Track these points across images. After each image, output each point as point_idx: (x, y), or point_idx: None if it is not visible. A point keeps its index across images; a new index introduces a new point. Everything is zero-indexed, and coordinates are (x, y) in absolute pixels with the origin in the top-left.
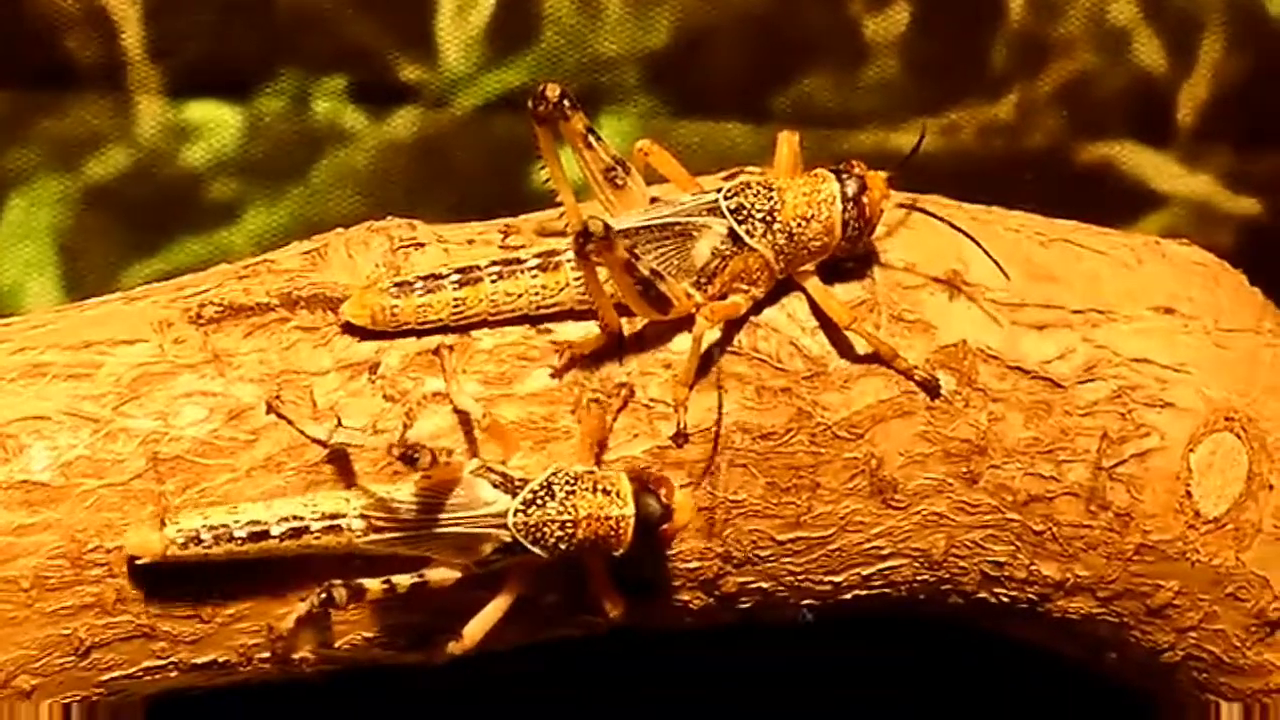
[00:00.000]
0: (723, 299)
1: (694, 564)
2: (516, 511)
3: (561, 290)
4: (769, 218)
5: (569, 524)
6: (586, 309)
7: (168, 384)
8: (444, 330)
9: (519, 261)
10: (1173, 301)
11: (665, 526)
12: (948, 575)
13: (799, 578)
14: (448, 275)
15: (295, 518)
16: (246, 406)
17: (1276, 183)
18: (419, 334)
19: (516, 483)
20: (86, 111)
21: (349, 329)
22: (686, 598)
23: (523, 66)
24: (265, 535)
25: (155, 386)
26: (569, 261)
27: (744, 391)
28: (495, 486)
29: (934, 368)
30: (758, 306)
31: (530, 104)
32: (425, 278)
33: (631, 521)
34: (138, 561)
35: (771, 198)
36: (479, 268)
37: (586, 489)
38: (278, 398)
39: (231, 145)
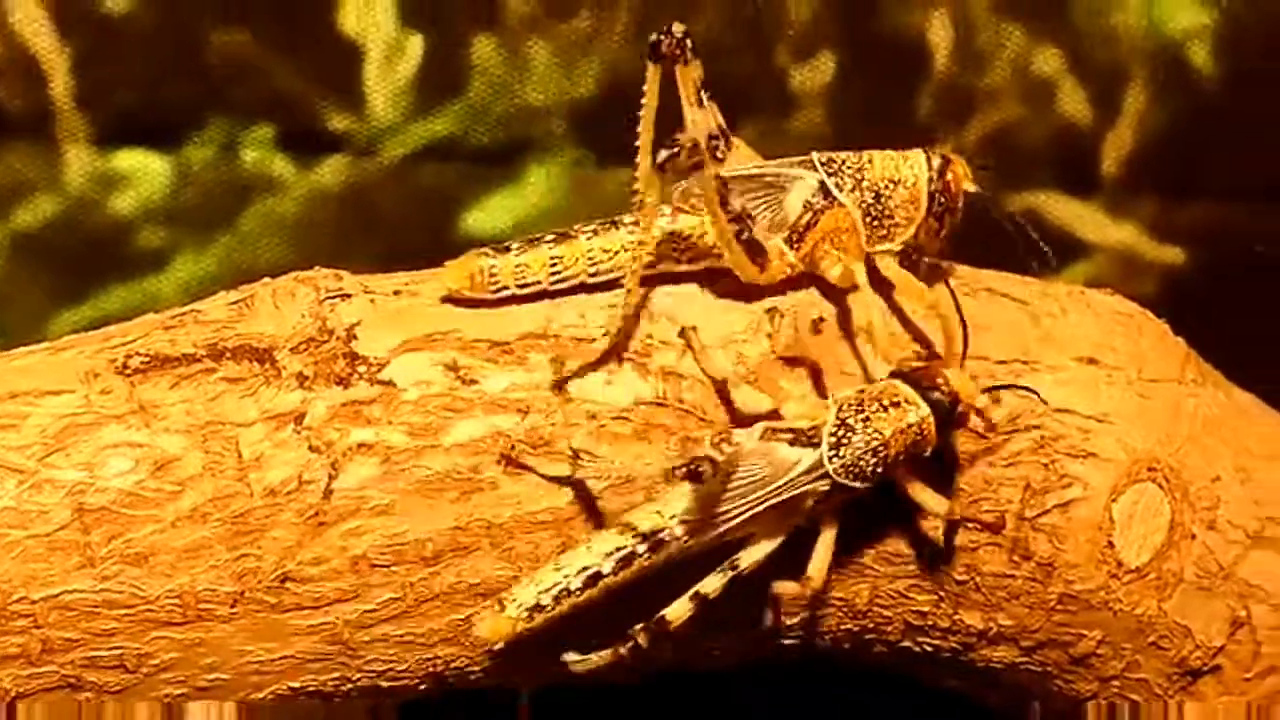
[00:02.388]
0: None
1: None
2: (832, 459)
3: (659, 245)
4: (858, 174)
5: (880, 448)
6: (687, 266)
7: (94, 435)
8: (543, 295)
9: (615, 220)
10: (1096, 352)
11: (959, 409)
12: (872, 625)
13: (737, 634)
14: (544, 236)
15: (619, 549)
16: (172, 457)
17: (1200, 232)
18: (519, 300)
19: (809, 433)
20: (14, 160)
21: (448, 299)
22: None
23: (450, 116)
24: (599, 576)
25: (81, 437)
26: (665, 215)
27: (669, 441)
28: (791, 445)
29: None
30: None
31: (652, 39)
32: (522, 240)
33: (931, 419)
34: (496, 647)
35: (861, 159)
36: (576, 227)
37: (879, 410)
38: (513, 448)
39: (160, 194)
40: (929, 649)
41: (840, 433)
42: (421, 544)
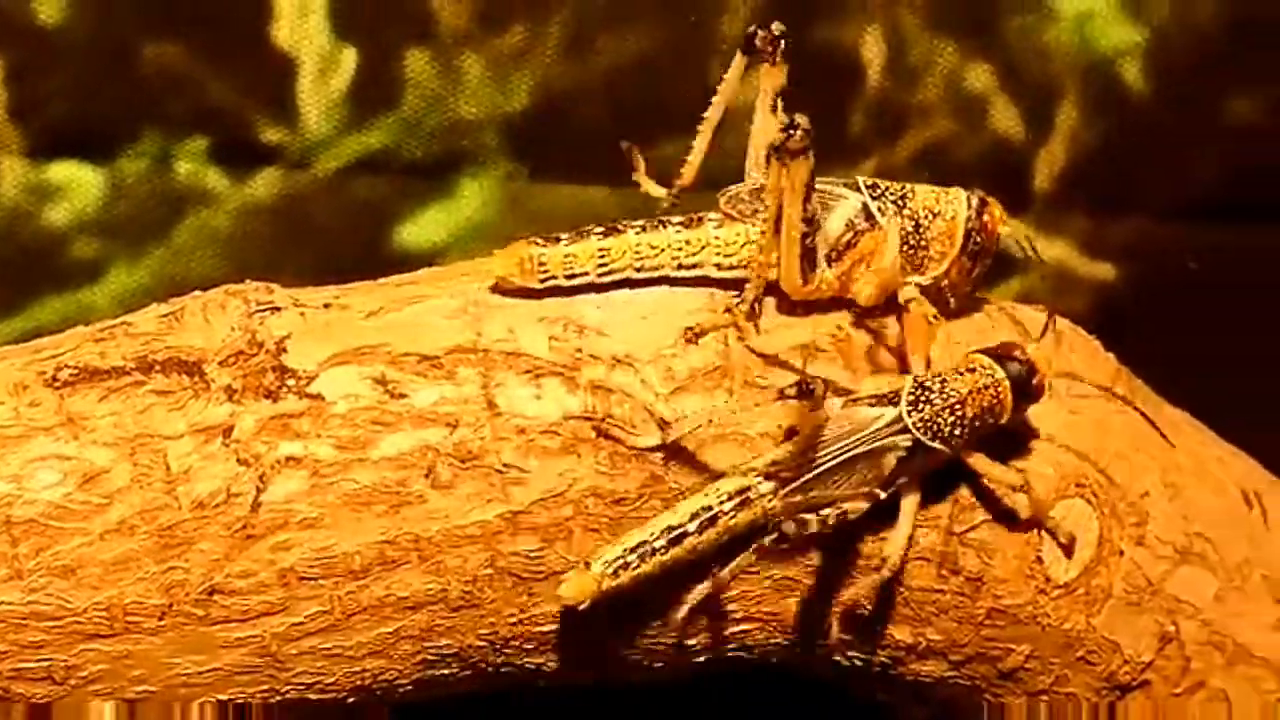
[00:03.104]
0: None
1: (547, 627)
2: (910, 412)
3: (703, 248)
4: (900, 201)
5: (957, 406)
6: (725, 274)
7: (22, 447)
8: (590, 289)
9: (663, 220)
10: None
11: (1035, 379)
12: (800, 639)
13: (652, 641)
14: (592, 228)
15: (704, 509)
16: (100, 470)
17: (1132, 249)
18: (565, 292)
19: (888, 395)
20: None
21: (497, 288)
22: (539, 660)
23: (383, 129)
24: (683, 535)
25: (9, 449)
26: (712, 220)
27: (598, 456)
28: (871, 406)
29: (783, 434)
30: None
31: (749, 29)
32: (572, 231)
33: (1007, 384)
34: (580, 608)
35: (904, 189)
36: (625, 221)
37: (956, 375)
38: (604, 419)
39: (93, 206)
40: (858, 663)
41: (918, 393)
42: (349, 557)
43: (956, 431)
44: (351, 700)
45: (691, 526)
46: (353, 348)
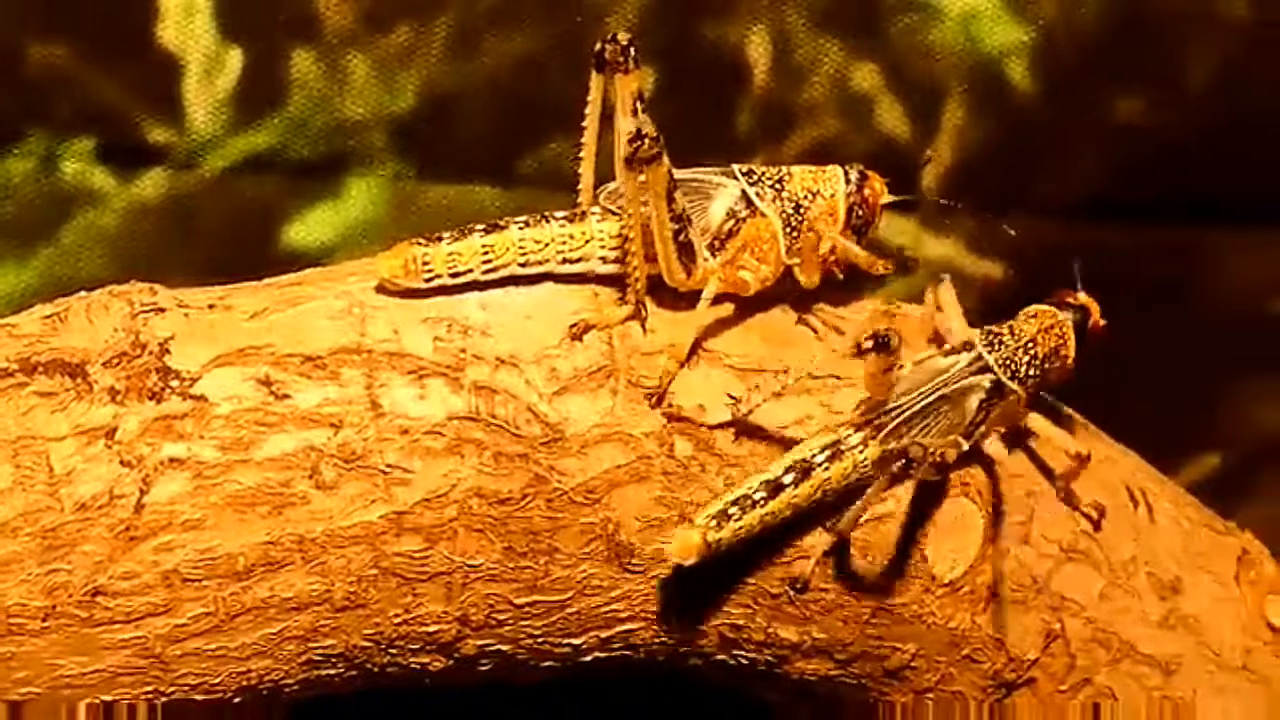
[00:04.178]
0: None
1: (432, 627)
2: (989, 351)
3: (587, 243)
4: (778, 185)
5: (1030, 345)
6: (609, 268)
7: None
8: (475, 286)
9: (546, 215)
10: None
11: (1090, 322)
12: (686, 638)
13: (538, 640)
14: (475, 226)
15: (799, 461)
16: None
17: (1019, 247)
18: (451, 290)
19: (963, 344)
20: None
21: (382, 289)
22: (425, 660)
23: (270, 129)
24: (780, 487)
25: None
26: (594, 214)
27: (481, 457)
28: (946, 356)
29: (671, 434)
30: (761, 303)
31: (597, 45)
32: (454, 230)
33: (1069, 323)
34: (686, 564)
35: (781, 172)
36: (508, 218)
37: (1021, 321)
38: (664, 401)
39: None
40: (744, 661)
41: (991, 337)
42: (233, 558)
43: (1031, 371)
44: (238, 700)
45: (787, 479)
46: (237, 349)
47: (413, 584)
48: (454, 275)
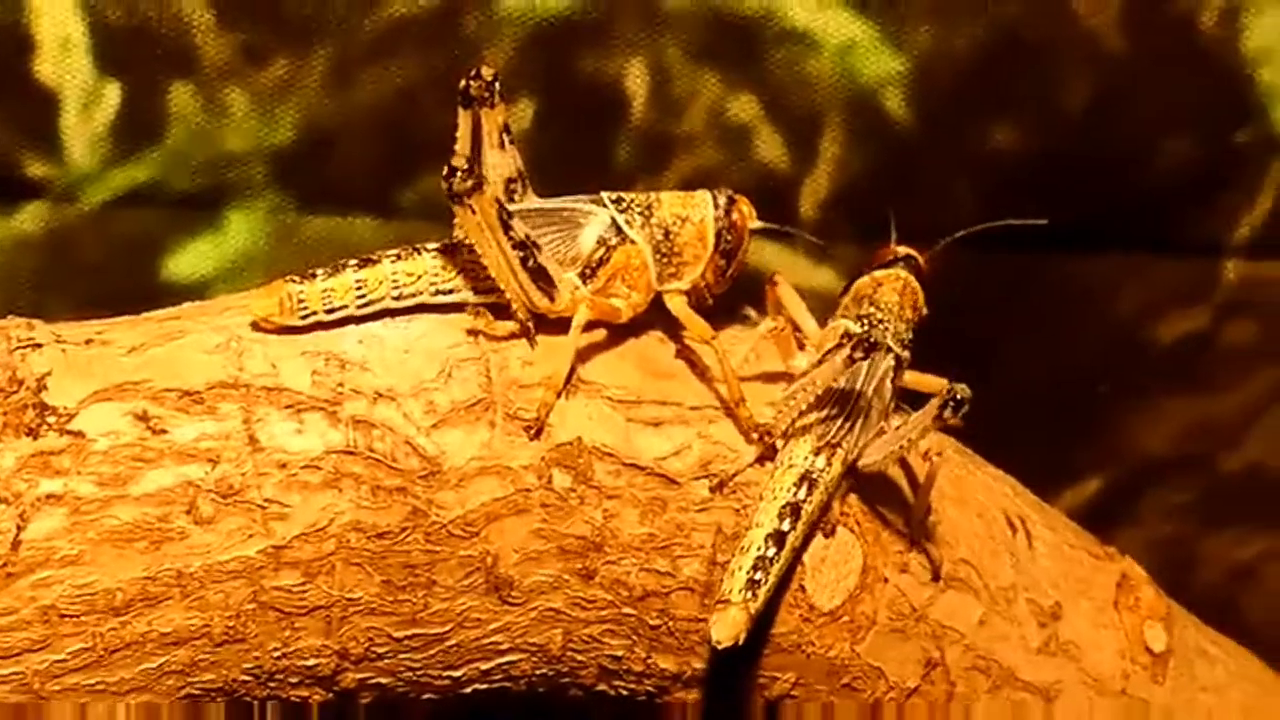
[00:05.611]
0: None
1: (311, 660)
2: (880, 334)
3: (459, 273)
4: (647, 211)
5: (899, 310)
6: (484, 296)
7: None
8: (348, 321)
9: (418, 247)
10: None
11: (922, 268)
12: (566, 669)
13: (418, 673)
14: (347, 261)
15: (785, 507)
16: None
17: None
18: (326, 326)
19: (844, 338)
20: None
21: (257, 327)
22: (305, 693)
23: (150, 163)
24: (784, 535)
25: None
26: (467, 245)
27: (359, 490)
28: (838, 351)
29: (549, 466)
30: (634, 329)
31: (463, 81)
32: (327, 266)
33: (913, 277)
34: (740, 643)
35: (650, 198)
36: (380, 252)
37: (881, 294)
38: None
39: None
40: (625, 692)
41: (869, 322)
42: (111, 594)
43: (910, 334)
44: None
45: (785, 526)
46: (114, 384)
47: (292, 618)
48: (329, 311)
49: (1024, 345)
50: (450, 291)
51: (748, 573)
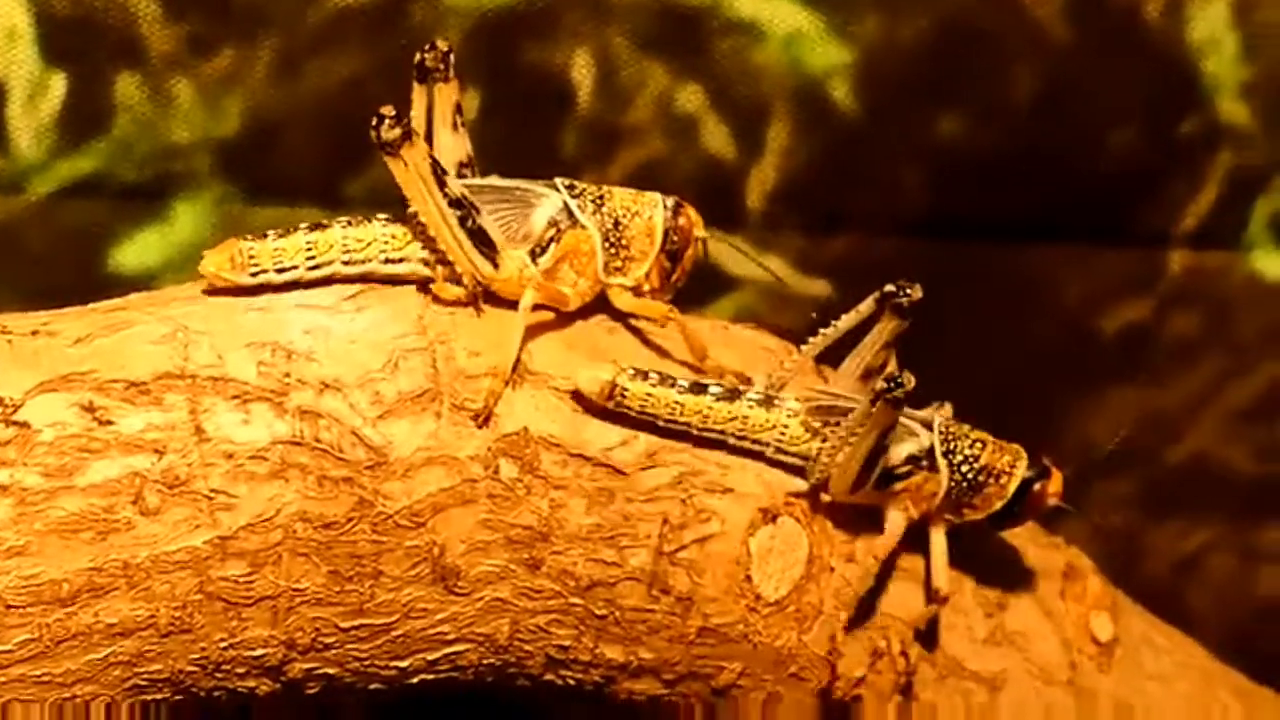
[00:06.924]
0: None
1: (258, 651)
2: (942, 430)
3: (409, 243)
4: (599, 200)
5: (979, 444)
6: (434, 265)
7: None
8: (298, 285)
9: (372, 213)
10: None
11: (1039, 487)
12: (514, 659)
13: (365, 663)
14: (301, 225)
15: (733, 387)
16: None
17: (845, 264)
18: (276, 288)
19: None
20: None
21: (213, 290)
22: (253, 683)
23: (96, 153)
24: (702, 388)
25: None
26: (417, 217)
27: (306, 481)
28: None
29: (496, 456)
30: (581, 319)
31: (416, 58)
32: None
33: (1022, 474)
34: (588, 395)
35: (603, 189)
36: (332, 219)
37: (984, 438)
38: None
39: None
40: (572, 682)
41: (946, 428)
42: (57, 585)
43: (965, 470)
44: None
45: (714, 389)
46: (60, 375)
47: (238, 608)
48: (280, 271)
49: (968, 336)
50: (400, 261)
51: (650, 369)
